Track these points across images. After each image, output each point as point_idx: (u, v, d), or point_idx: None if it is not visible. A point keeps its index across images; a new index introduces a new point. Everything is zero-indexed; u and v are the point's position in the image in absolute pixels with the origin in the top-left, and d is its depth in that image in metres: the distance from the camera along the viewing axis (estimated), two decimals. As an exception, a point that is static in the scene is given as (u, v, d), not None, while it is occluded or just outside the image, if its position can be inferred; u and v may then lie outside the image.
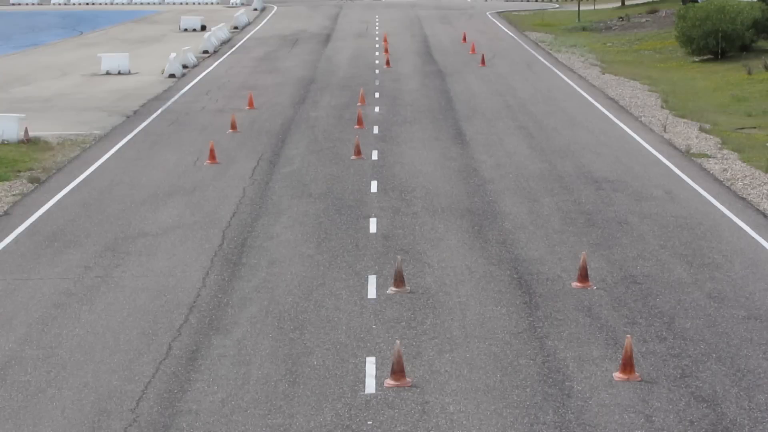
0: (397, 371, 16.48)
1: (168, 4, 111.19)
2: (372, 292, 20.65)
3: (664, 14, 79.93)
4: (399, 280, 20.78)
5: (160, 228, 25.47)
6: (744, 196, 27.96)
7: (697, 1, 66.31)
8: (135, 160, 33.42)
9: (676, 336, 18.38)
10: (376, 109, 42.24)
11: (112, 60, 56.24)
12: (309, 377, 16.83)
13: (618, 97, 44.91)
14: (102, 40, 75.31)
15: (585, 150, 33.76)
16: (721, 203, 27.11)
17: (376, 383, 16.54)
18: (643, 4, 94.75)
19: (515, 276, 21.55)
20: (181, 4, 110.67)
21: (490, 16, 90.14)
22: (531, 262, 22.39)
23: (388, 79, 51.35)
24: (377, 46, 66.49)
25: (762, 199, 27.61)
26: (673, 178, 30.03)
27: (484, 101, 44.08)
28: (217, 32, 71.32)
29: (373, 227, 25.18)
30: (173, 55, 55.55)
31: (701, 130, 37.30)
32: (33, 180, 30.69)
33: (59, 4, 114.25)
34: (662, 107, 42.38)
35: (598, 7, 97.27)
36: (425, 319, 19.24)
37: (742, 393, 16.15)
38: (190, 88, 49.56)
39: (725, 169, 30.96)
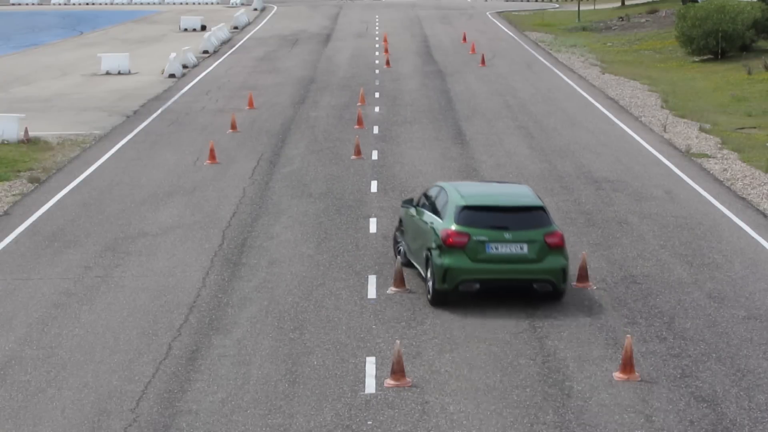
0: (397, 371, 16.49)
1: (168, 4, 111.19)
2: (372, 292, 20.66)
3: (664, 14, 79.94)
4: (399, 280, 20.77)
5: (160, 228, 25.48)
6: (744, 196, 27.97)
7: (697, 1, 66.31)
8: (135, 160, 33.42)
9: (676, 336, 18.39)
10: (376, 109, 42.25)
11: (112, 60, 56.24)
12: (309, 377, 16.83)
13: (618, 97, 44.91)
14: (102, 40, 75.32)
15: (585, 150, 33.77)
16: (721, 203, 27.12)
17: (376, 383, 16.54)
18: (643, 4, 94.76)
19: (515, 276, 21.52)
20: (181, 4, 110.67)
21: (490, 16, 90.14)
22: (531, 262, 22.36)
23: (388, 79, 51.35)
24: (377, 46, 66.49)
25: (762, 199, 27.61)
26: (673, 178, 30.04)
27: (484, 101, 44.08)
28: (217, 32, 71.31)
29: (373, 227, 25.18)
30: (173, 55, 55.56)
31: (701, 130, 37.31)
32: (33, 180, 30.69)
33: (59, 4, 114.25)
34: (662, 107, 42.39)
35: (598, 7, 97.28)
36: (425, 319, 19.24)
37: (742, 393, 16.16)
38: (190, 88, 49.57)
39: (725, 169, 30.97)
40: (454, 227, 19.64)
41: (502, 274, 19.71)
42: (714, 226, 25.12)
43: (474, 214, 19.82)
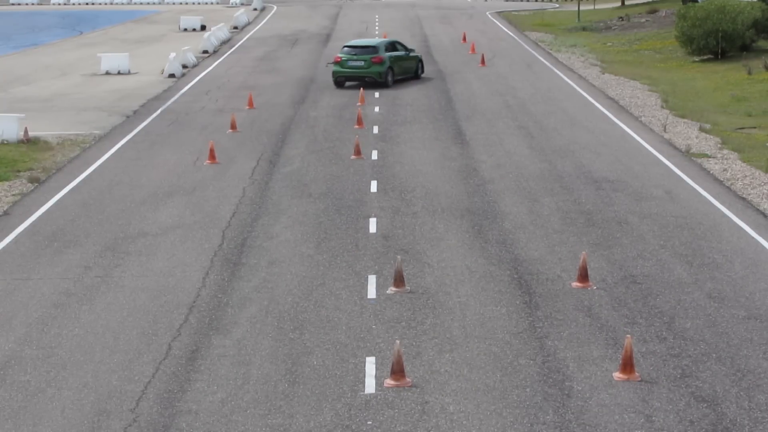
0: (397, 371, 16.49)
1: (168, 4, 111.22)
2: (372, 292, 20.66)
3: (664, 14, 79.97)
4: (399, 280, 20.78)
5: (160, 228, 25.49)
6: (744, 196, 27.97)
7: (697, 1, 66.31)
8: (135, 160, 33.43)
9: (676, 336, 18.39)
10: (376, 108, 42.26)
11: (112, 60, 56.25)
12: (309, 377, 16.84)
13: (618, 97, 44.92)
14: (102, 40, 75.34)
15: (585, 150, 33.77)
16: (721, 203, 27.12)
17: (376, 383, 16.54)
18: (643, 4, 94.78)
19: (515, 276, 21.56)
20: (181, 4, 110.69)
21: (490, 16, 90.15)
22: (531, 262, 22.40)
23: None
24: (377, 46, 66.40)
25: (762, 199, 27.61)
26: (673, 178, 30.04)
27: (484, 101, 44.09)
28: (217, 32, 71.32)
29: (373, 227, 25.19)
30: (173, 55, 55.57)
31: (701, 130, 37.32)
32: (33, 180, 30.70)
33: (59, 4, 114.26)
34: (662, 107, 42.39)
35: (598, 7, 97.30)
36: (425, 319, 19.24)
37: (742, 393, 16.16)
38: (189, 88, 49.58)
39: (725, 169, 30.97)
40: (339, 54, 47.93)
41: (353, 73, 47.45)
42: (714, 226, 25.12)
43: (345, 48, 48.04)
